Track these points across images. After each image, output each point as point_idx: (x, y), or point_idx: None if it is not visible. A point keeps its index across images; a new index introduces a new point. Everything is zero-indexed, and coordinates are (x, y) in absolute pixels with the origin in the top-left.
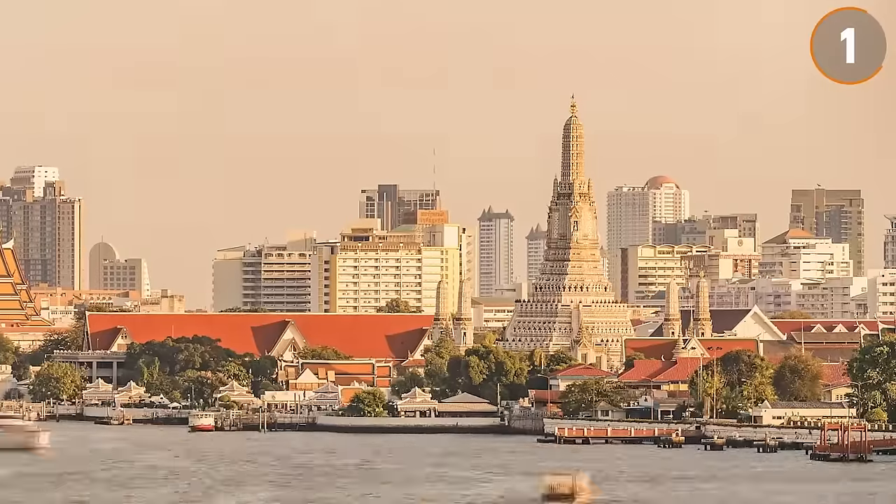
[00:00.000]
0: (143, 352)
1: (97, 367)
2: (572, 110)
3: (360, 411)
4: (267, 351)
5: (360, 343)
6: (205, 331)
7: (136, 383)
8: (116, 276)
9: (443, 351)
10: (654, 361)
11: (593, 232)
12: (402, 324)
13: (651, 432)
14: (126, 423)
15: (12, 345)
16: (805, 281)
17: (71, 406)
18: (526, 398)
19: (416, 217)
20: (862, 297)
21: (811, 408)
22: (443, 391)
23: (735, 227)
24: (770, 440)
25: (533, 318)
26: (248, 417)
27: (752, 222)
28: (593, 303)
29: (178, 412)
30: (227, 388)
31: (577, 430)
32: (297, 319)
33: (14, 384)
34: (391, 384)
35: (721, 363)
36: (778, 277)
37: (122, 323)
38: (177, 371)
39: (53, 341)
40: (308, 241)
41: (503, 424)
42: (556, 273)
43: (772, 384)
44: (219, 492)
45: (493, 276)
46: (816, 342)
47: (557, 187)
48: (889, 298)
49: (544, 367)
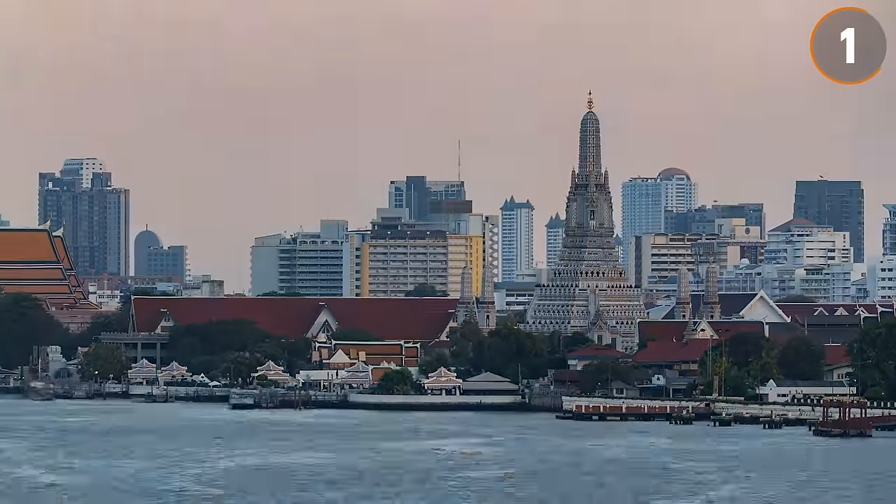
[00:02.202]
0: (186, 333)
1: (142, 348)
2: (589, 105)
3: (390, 389)
4: (302, 333)
5: (389, 325)
6: (243, 314)
7: (179, 363)
8: (160, 262)
9: (467, 332)
10: (667, 343)
11: (609, 221)
12: (429, 307)
13: (663, 409)
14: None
15: (62, 327)
16: (808, 267)
17: (117, 385)
18: (545, 377)
19: (443, 207)
20: (862, 281)
21: (814, 386)
22: (467, 370)
23: (742, 216)
24: (775, 417)
25: (552, 301)
26: (284, 395)
27: (758, 211)
28: (609, 287)
29: (218, 391)
30: (264, 368)
31: (594, 407)
32: (330, 303)
33: (63, 364)
34: (419, 364)
35: (729, 344)
36: (782, 263)
37: (166, 306)
38: (217, 351)
39: (100, 323)
40: (341, 229)
41: (524, 402)
42: (574, 259)
43: (777, 364)
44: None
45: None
46: (819, 324)
47: (575, 179)
48: (887, 283)
49: (563, 348)
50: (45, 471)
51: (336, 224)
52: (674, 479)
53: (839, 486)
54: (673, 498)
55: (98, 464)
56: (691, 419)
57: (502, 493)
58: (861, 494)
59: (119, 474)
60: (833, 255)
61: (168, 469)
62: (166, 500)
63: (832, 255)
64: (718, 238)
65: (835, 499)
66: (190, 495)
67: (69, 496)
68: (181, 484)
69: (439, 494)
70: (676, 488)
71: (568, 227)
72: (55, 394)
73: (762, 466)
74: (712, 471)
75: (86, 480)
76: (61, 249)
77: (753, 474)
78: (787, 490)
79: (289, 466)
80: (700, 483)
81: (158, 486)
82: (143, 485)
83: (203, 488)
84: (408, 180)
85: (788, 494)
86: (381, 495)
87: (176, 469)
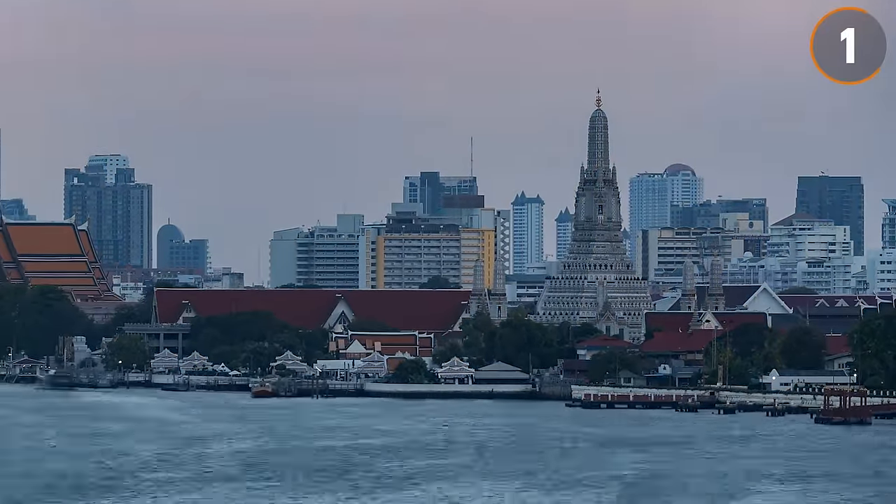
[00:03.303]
0: (207, 324)
1: (164, 338)
2: (598, 103)
3: (404, 378)
4: (319, 323)
5: (404, 316)
6: (263, 305)
7: (200, 353)
8: (182, 255)
9: (479, 323)
10: (672, 333)
11: (617, 215)
12: (442, 299)
13: (669, 398)
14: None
15: (87, 318)
16: (810, 260)
17: (140, 374)
18: (555, 366)
19: (456, 201)
20: (862, 274)
21: (815, 375)
22: (479, 360)
23: (746, 210)
24: (778, 405)
25: (562, 293)
26: (301, 384)
27: (761, 206)
28: (617, 280)
29: (238, 380)
30: (282, 358)
31: (602, 396)
32: (346, 294)
33: (88, 353)
34: (432, 354)
35: (733, 335)
36: (785, 256)
37: (188, 298)
38: (237, 342)
39: (124, 315)
40: (357, 223)
41: (534, 390)
42: (583, 253)
43: (779, 354)
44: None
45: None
46: (820, 315)
47: (584, 174)
48: (887, 275)
49: (572, 339)
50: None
51: (352, 218)
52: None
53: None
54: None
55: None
56: (696, 407)
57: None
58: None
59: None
60: (834, 249)
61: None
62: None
63: (833, 249)
64: (723, 232)
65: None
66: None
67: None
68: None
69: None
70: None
71: (577, 222)
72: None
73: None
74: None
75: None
76: (86, 243)
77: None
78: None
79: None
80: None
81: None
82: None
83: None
84: (422, 176)
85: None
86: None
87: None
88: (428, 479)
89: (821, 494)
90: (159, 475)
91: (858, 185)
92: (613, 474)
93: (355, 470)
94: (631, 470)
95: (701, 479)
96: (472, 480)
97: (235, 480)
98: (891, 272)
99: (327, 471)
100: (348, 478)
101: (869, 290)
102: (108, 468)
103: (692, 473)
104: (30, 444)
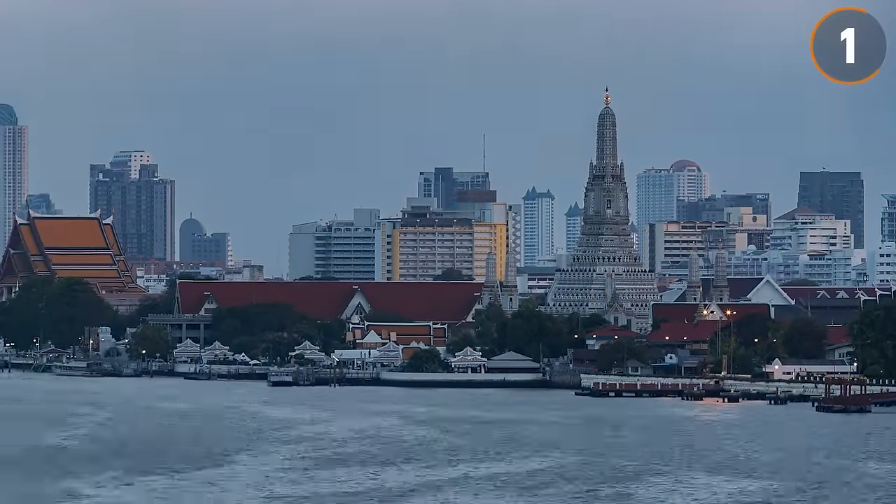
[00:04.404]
0: (228, 315)
1: (186, 329)
2: (606, 101)
3: (419, 367)
4: (336, 314)
5: (418, 307)
6: (282, 297)
7: (221, 343)
8: (204, 248)
9: (492, 314)
10: (678, 324)
11: (625, 209)
12: (455, 290)
13: (675, 386)
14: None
15: (112, 309)
16: (811, 253)
17: (163, 363)
18: (565, 356)
19: (469, 196)
20: (861, 266)
21: (817, 364)
22: (491, 350)
23: (750, 205)
24: (780, 393)
25: (571, 285)
26: (320, 373)
27: (764, 201)
28: (624, 272)
29: (258, 369)
30: (301, 347)
31: (610, 384)
32: (363, 286)
33: (113, 343)
34: (446, 343)
35: (737, 325)
36: (787, 250)
37: (209, 290)
38: (257, 332)
39: (148, 306)
40: (373, 217)
41: (545, 379)
42: (592, 246)
43: (782, 343)
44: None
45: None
46: (821, 306)
47: (593, 170)
48: (886, 268)
49: (581, 329)
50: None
51: (369, 212)
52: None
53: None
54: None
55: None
56: (702, 395)
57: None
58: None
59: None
60: (835, 242)
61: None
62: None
63: (834, 242)
64: (727, 226)
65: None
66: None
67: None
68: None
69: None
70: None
71: (586, 216)
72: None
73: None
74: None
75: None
76: (111, 236)
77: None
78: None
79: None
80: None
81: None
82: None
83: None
84: (436, 171)
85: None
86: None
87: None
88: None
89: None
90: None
91: (858, 180)
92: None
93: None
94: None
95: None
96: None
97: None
98: (890, 265)
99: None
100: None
101: (868, 282)
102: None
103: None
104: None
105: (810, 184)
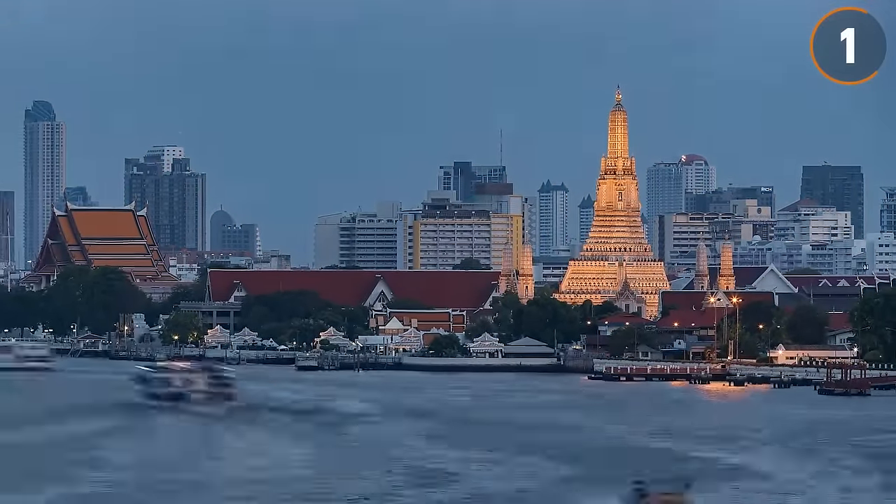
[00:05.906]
0: (256, 302)
1: (217, 316)
2: (617, 97)
3: (439, 353)
4: (360, 302)
5: (438, 295)
6: (308, 285)
7: (250, 329)
8: (234, 238)
9: (508, 301)
10: (686, 311)
11: (635, 201)
12: (474, 279)
13: (684, 370)
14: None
15: (145, 297)
16: (814, 243)
17: (194, 348)
18: (579, 341)
19: (486, 189)
20: (861, 256)
21: (818, 349)
22: (508, 335)
23: (755, 197)
24: (784, 377)
25: (584, 274)
26: (344, 358)
27: (769, 193)
28: (635, 261)
29: (285, 354)
30: (326, 333)
31: (622, 369)
32: (385, 275)
33: (146, 329)
34: (465, 329)
35: (743, 312)
36: (791, 240)
37: (238, 278)
38: (284, 319)
39: (180, 294)
40: (395, 209)
41: (559, 364)
42: (604, 236)
43: (785, 330)
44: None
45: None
46: (823, 294)
47: (605, 164)
48: (885, 257)
49: (594, 316)
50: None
51: (391, 204)
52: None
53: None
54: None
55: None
56: (709, 379)
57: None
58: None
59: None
60: (836, 233)
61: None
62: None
63: (835, 233)
64: (733, 217)
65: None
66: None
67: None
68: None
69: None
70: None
71: (598, 208)
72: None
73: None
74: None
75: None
76: (145, 227)
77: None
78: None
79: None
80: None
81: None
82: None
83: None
84: (455, 165)
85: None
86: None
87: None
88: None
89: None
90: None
91: (858, 174)
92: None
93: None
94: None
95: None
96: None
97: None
98: (888, 254)
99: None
100: None
101: (868, 271)
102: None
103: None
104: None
105: (813, 177)
